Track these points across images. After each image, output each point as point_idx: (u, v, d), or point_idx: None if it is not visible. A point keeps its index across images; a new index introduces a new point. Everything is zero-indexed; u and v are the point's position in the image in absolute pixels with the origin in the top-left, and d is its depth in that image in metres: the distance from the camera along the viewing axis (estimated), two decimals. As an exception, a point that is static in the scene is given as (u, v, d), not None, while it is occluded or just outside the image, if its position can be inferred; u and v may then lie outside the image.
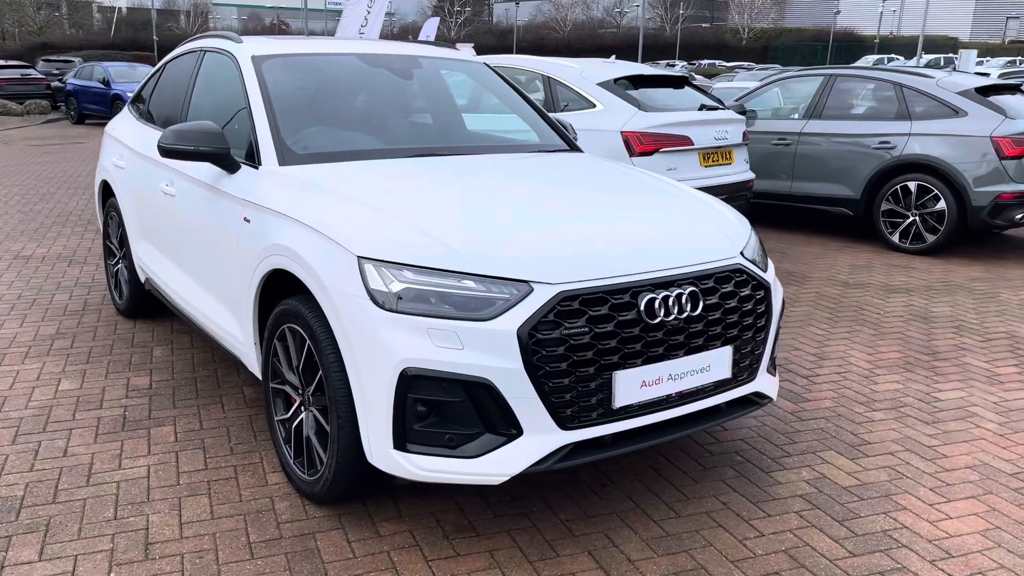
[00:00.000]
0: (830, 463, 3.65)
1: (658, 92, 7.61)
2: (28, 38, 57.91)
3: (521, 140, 4.43)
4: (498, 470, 2.72)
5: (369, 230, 2.90)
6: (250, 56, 4.00)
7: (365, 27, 9.45)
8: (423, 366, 2.66)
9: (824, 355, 5.07)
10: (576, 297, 2.74)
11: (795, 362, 4.93)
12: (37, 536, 2.93)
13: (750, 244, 3.38)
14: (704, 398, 3.07)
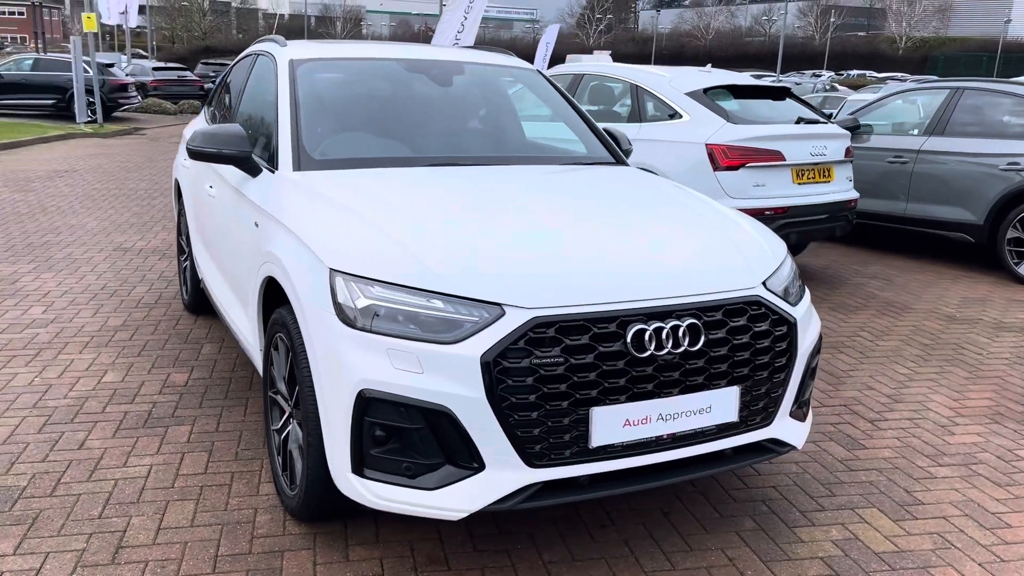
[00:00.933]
0: (868, 523, 3.25)
1: (753, 103, 7.20)
2: (194, 42, 61.99)
3: (562, 151, 4.22)
4: (456, 505, 2.54)
5: (347, 242, 2.79)
6: (288, 60, 3.98)
7: (461, 33, 9.42)
8: (381, 388, 2.52)
9: (900, 397, 4.59)
10: (552, 324, 2.52)
11: (863, 403, 4.48)
12: (21, 529, 2.98)
13: (779, 274, 3.05)
14: (704, 442, 2.78)
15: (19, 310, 5.53)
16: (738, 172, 6.33)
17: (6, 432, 3.74)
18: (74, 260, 6.98)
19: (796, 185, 6.59)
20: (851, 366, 5.07)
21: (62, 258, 7.03)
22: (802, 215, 6.59)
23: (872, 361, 5.18)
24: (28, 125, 19.04)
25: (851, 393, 4.62)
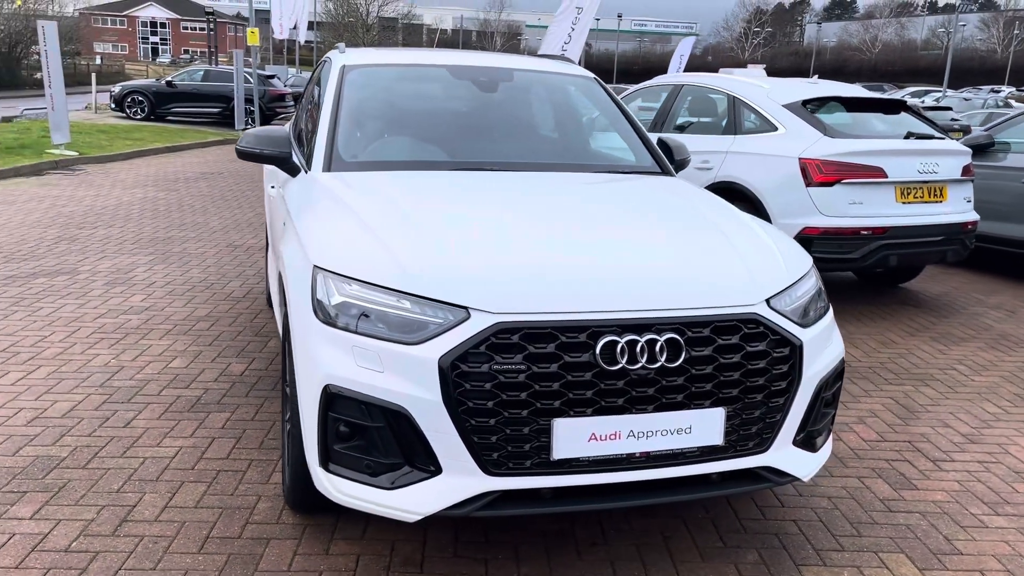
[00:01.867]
0: (889, 569, 2.98)
1: (860, 117, 6.81)
2: (359, 55, 64.71)
3: (607, 159, 4.13)
4: (411, 507, 2.53)
5: (335, 241, 2.84)
6: (341, 65, 4.11)
7: (568, 44, 9.37)
8: (343, 385, 2.55)
9: (978, 438, 4.18)
10: (516, 330, 2.47)
11: (932, 441, 4.12)
12: (44, 497, 3.21)
13: (790, 293, 2.86)
14: (684, 464, 2.64)
15: (122, 297, 5.97)
16: (832, 188, 5.99)
17: (68, 407, 4.04)
18: (187, 254, 7.47)
19: (900, 204, 6.16)
20: (933, 400, 4.67)
21: (178, 252, 7.54)
22: (906, 236, 6.15)
23: (959, 397, 4.75)
24: (193, 131, 20.56)
25: (922, 429, 4.26)
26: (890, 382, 4.94)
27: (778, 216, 6.15)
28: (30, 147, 14.25)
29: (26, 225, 8.51)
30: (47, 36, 13.55)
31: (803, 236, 6.03)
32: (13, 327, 5.20)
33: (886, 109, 6.90)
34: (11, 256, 7.10)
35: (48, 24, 13.75)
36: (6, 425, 3.81)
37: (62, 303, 5.76)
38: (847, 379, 4.95)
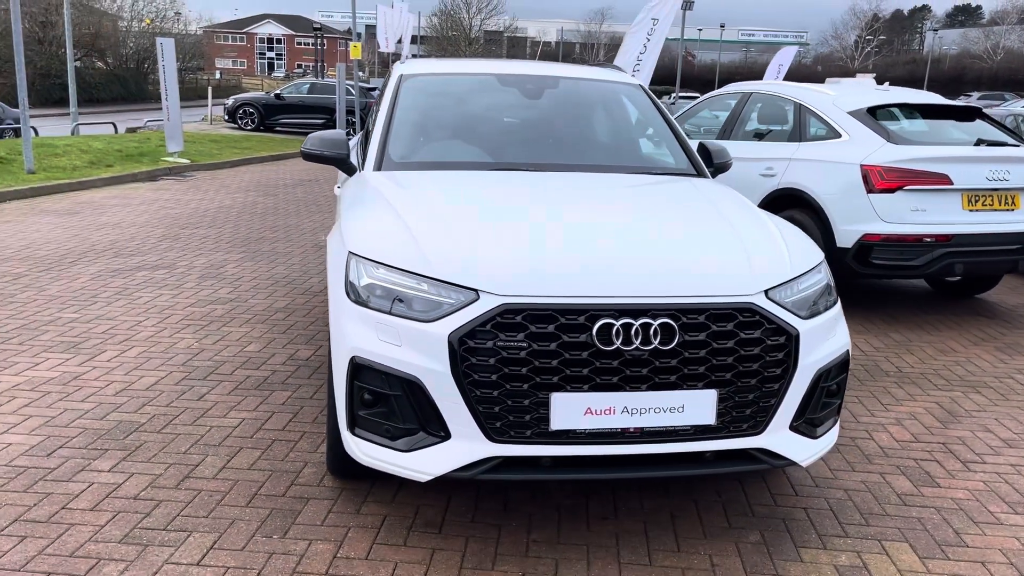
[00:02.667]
0: (889, 556, 3.08)
1: (928, 124, 6.74)
2: (461, 68, 66.07)
3: (646, 161, 4.31)
4: (424, 468, 2.81)
5: (371, 230, 3.16)
6: (399, 75, 4.46)
7: (643, 54, 9.51)
8: (367, 357, 2.85)
9: (1017, 444, 4.18)
10: (520, 311, 2.72)
11: (968, 444, 4.13)
12: (122, 454, 3.64)
13: (792, 285, 3.00)
14: (678, 441, 2.83)
15: (211, 290, 6.51)
16: (894, 195, 5.98)
17: (152, 381, 4.51)
18: (275, 253, 8.01)
19: (967, 212, 6.09)
20: (979, 407, 4.65)
21: (267, 251, 8.09)
22: (973, 244, 6.07)
23: (1009, 404, 4.71)
24: (298, 141, 21.57)
25: (960, 433, 4.27)
26: (939, 388, 4.94)
27: (839, 222, 6.18)
28: (148, 155, 15.33)
29: (136, 225, 9.27)
30: (165, 52, 14.59)
31: (863, 243, 6.05)
32: (114, 313, 5.77)
33: (960, 116, 6.81)
34: (120, 252, 7.79)
35: (166, 41, 14.80)
36: (98, 394, 4.30)
37: (158, 293, 6.33)
38: (892, 383, 4.98)
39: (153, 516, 3.14)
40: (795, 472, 3.73)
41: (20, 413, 4.03)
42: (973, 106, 6.93)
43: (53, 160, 13.55)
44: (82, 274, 6.85)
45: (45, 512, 3.14)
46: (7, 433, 3.81)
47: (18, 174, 12.15)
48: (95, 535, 3.00)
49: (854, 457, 3.92)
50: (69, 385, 4.41)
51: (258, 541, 3.01)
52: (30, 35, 43.19)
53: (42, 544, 2.93)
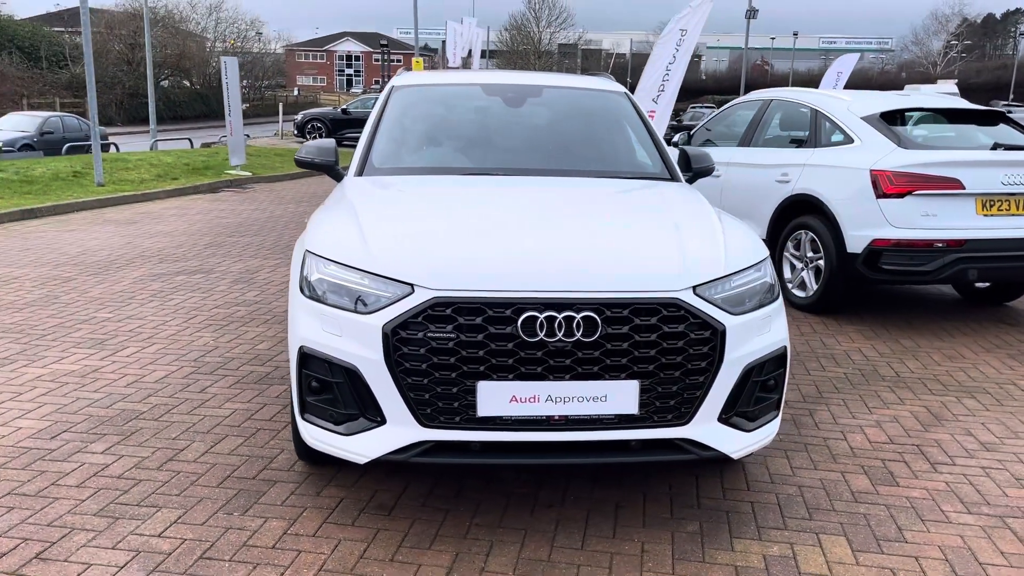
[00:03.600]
0: (822, 548, 3.13)
1: (946, 128, 6.67)
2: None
3: (621, 166, 4.42)
4: (362, 451, 3.01)
5: (328, 231, 3.38)
6: (391, 86, 4.70)
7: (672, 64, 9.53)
8: (311, 347, 3.07)
9: (995, 447, 4.14)
10: (450, 304, 2.89)
11: (943, 447, 4.11)
12: (117, 438, 3.95)
13: (723, 283, 3.10)
14: (602, 429, 2.96)
15: (239, 293, 6.86)
16: (903, 200, 5.93)
17: (163, 374, 4.84)
18: (310, 260, 8.35)
19: (981, 217, 5.99)
20: (969, 411, 4.60)
21: (302, 258, 8.44)
22: (988, 250, 5.97)
23: (1000, 410, 4.65)
24: (360, 154, 22.17)
25: (939, 436, 4.25)
26: (933, 393, 4.90)
27: (849, 228, 6.17)
28: (213, 168, 16.05)
29: (187, 233, 9.78)
30: (228, 71, 15.28)
31: (873, 248, 6.02)
32: (144, 313, 6.16)
33: (982, 120, 6.70)
34: (165, 258, 8.25)
35: (229, 60, 15.49)
36: (110, 386, 4.64)
37: (190, 296, 6.72)
38: (884, 387, 4.96)
39: (130, 493, 3.42)
40: (753, 467, 3.79)
41: (37, 401, 4.39)
42: (996, 110, 6.81)
43: (123, 174, 14.32)
44: (125, 278, 7.31)
45: (35, 487, 3.45)
46: (21, 418, 4.16)
47: (88, 187, 12.90)
48: (74, 508, 3.29)
49: (820, 456, 3.95)
50: (87, 377, 4.77)
51: (219, 518, 3.24)
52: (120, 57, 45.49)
53: (26, 514, 3.23)
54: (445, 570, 2.93)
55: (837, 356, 5.56)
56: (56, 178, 13.33)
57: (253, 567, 2.92)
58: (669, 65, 9.62)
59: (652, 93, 9.85)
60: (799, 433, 4.23)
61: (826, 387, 4.94)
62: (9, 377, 4.75)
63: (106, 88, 42.93)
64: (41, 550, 2.99)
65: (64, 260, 8.06)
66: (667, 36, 9.73)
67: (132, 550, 3.00)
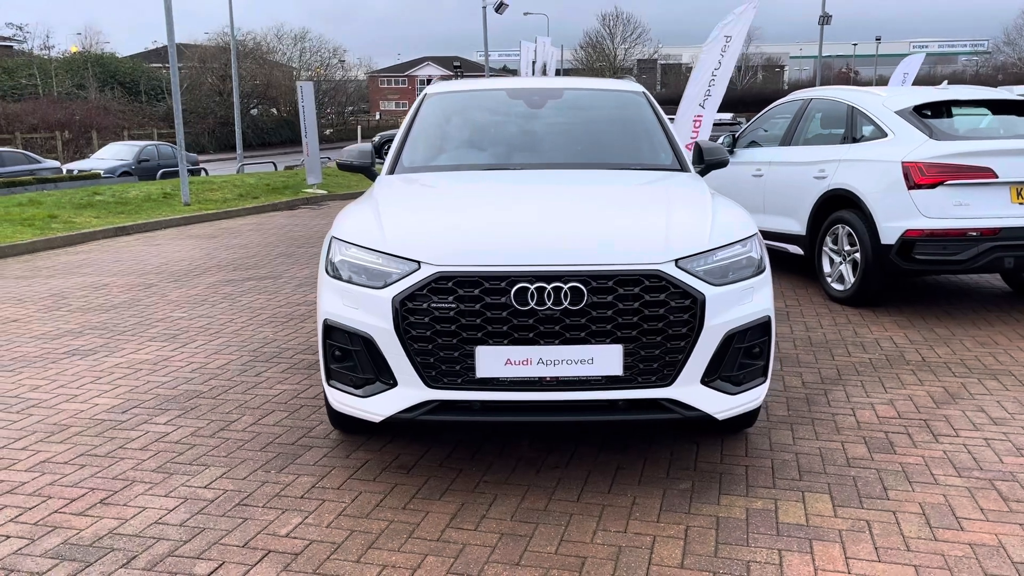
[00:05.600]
0: (804, 504, 3.34)
1: (982, 119, 6.70)
2: (610, 98, 66.93)
3: (628, 158, 4.66)
4: (377, 410, 3.38)
5: (351, 218, 3.78)
6: (424, 94, 5.11)
7: (718, 70, 9.68)
8: (334, 319, 3.46)
9: (1004, 422, 4.23)
10: (451, 278, 3.24)
11: (951, 421, 4.23)
12: (178, 413, 4.43)
13: (705, 256, 3.35)
14: (590, 390, 3.25)
15: (302, 295, 7.38)
16: (935, 190, 6.02)
17: (224, 362, 5.34)
18: (371, 266, 8.85)
19: (1015, 205, 6.02)
20: (987, 391, 4.68)
21: (365, 264, 8.94)
22: (1022, 238, 5.98)
23: (1022, 389, 4.71)
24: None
25: (949, 412, 4.36)
26: (956, 375, 4.98)
27: (882, 220, 6.27)
28: (291, 187, 16.88)
29: (261, 245, 10.43)
30: (304, 95, 16.09)
31: (906, 239, 6.11)
32: (214, 312, 6.72)
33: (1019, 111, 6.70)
34: (239, 267, 8.88)
35: (305, 85, 16.33)
36: (178, 371, 5.15)
37: (256, 297, 7.27)
38: (907, 371, 5.07)
39: (184, 455, 3.87)
40: (754, 437, 4.01)
41: (114, 383, 4.93)
42: (1034, 100, 6.79)
43: (208, 194, 15.24)
44: (200, 284, 7.93)
45: (105, 450, 3.94)
46: (99, 396, 4.69)
47: (176, 206, 13.81)
48: (136, 466, 3.76)
49: (824, 429, 4.13)
50: (158, 365, 5.30)
51: (258, 474, 3.66)
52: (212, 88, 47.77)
53: (95, 470, 3.71)
54: (450, 516, 3.27)
55: (866, 343, 5.67)
56: (148, 199, 14.30)
57: (282, 512, 3.31)
58: (715, 71, 9.81)
59: (699, 99, 10.05)
60: (809, 409, 4.41)
61: (848, 370, 5.08)
62: (92, 364, 5.32)
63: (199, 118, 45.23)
64: (105, 497, 3.45)
65: (149, 270, 8.77)
66: (712, 43, 9.93)
67: (181, 498, 3.44)
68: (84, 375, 5.10)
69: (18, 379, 5.05)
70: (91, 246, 10.62)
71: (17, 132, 34.09)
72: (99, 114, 39.20)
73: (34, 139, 34.51)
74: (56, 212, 12.47)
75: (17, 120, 35.53)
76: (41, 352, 5.64)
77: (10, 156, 22.31)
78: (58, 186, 18.24)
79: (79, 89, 42.74)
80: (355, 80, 68.66)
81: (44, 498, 3.45)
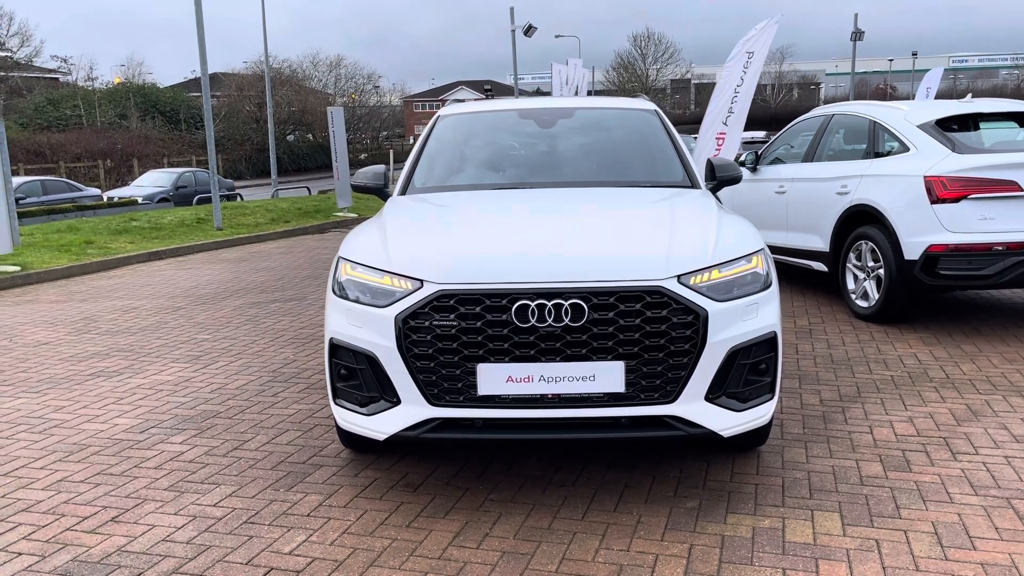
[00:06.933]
0: (813, 522, 3.28)
1: (1007, 132, 6.58)
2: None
3: (639, 176, 4.64)
4: (381, 428, 3.39)
5: (358, 239, 3.83)
6: (437, 115, 5.17)
7: (740, 87, 9.64)
8: (340, 338, 3.50)
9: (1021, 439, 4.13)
10: (453, 296, 3.26)
11: (970, 439, 4.14)
12: (194, 432, 4.49)
13: (708, 272, 3.33)
14: (593, 407, 3.24)
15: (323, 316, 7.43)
16: (958, 204, 5.92)
17: (244, 382, 5.40)
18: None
19: (1043, 218, 5.89)
20: (1011, 408, 4.57)
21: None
22: (1051, 252, 5.86)
23: None
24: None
25: (970, 430, 4.26)
26: (980, 392, 4.87)
27: (905, 235, 6.18)
28: (322, 211, 17.10)
29: (289, 267, 10.57)
30: (334, 120, 16.34)
31: (929, 254, 6.01)
32: (238, 334, 6.82)
33: (1047, 122, 6.58)
34: (266, 289, 9.00)
35: (335, 110, 16.58)
36: (197, 392, 5.23)
37: (280, 319, 7.35)
38: (929, 388, 4.97)
39: (197, 474, 3.92)
40: (767, 455, 3.95)
41: (135, 404, 5.02)
42: (1063, 111, 6.66)
43: (241, 219, 15.49)
44: (227, 306, 8.05)
45: (120, 469, 4.00)
46: (120, 417, 4.78)
47: (208, 231, 14.05)
48: (149, 484, 3.81)
49: (839, 447, 4.06)
50: (179, 385, 5.39)
51: (267, 492, 3.69)
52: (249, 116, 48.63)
53: (109, 489, 3.77)
54: (453, 534, 3.26)
55: (889, 360, 5.58)
56: (182, 224, 14.57)
57: (287, 530, 3.33)
58: (737, 87, 9.78)
59: (722, 115, 10.00)
60: (825, 427, 4.34)
61: (868, 388, 5.00)
62: (115, 386, 5.42)
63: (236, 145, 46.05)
64: (116, 515, 3.51)
65: (178, 293, 8.92)
66: (734, 59, 9.91)
67: (190, 516, 3.48)
68: (107, 396, 5.20)
69: (44, 400, 5.16)
70: (124, 271, 10.85)
71: (61, 161, 34.99)
72: (140, 142, 40.12)
73: (78, 168, 35.40)
74: (93, 238, 12.76)
75: (62, 149, 36.48)
76: (68, 374, 5.75)
77: (53, 184, 22.90)
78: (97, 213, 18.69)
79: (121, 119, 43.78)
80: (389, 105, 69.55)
81: (58, 516, 3.51)
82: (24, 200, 20.39)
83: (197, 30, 14.05)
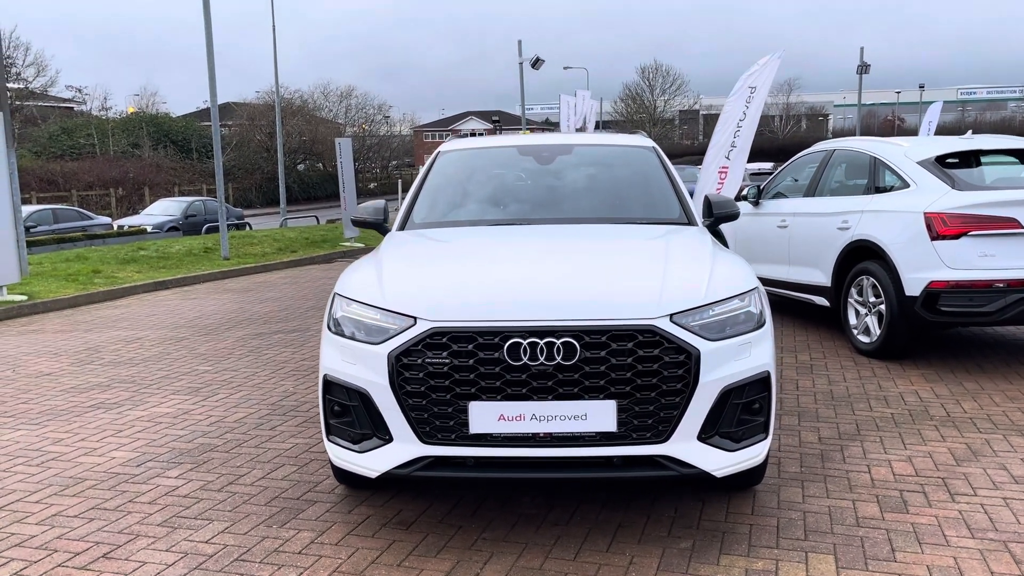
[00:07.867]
0: (807, 565, 3.25)
1: (1008, 169, 6.59)
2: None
3: (636, 213, 4.66)
4: (373, 466, 3.39)
5: (354, 275, 3.85)
6: (437, 151, 5.22)
7: (743, 120, 9.69)
8: (333, 375, 3.51)
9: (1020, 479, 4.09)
10: (446, 333, 3.27)
11: (969, 479, 4.10)
12: (191, 466, 4.49)
13: (701, 311, 3.34)
14: (583, 446, 3.23)
15: (327, 348, 7.45)
16: (959, 241, 5.92)
17: (242, 415, 5.41)
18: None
19: (1044, 255, 5.88)
20: (1012, 448, 4.53)
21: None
22: (1052, 289, 5.84)
23: None
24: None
25: (969, 470, 4.23)
26: (981, 431, 4.84)
27: (906, 271, 6.17)
28: (329, 241, 17.18)
29: (294, 298, 10.61)
30: (342, 151, 16.47)
31: (930, 291, 6.00)
32: (238, 365, 6.83)
33: (1048, 159, 6.59)
34: (269, 320, 9.03)
35: (343, 141, 16.73)
36: (196, 425, 5.24)
37: (281, 351, 7.37)
38: (928, 425, 4.94)
39: (191, 509, 3.92)
40: (763, 495, 3.92)
41: (133, 436, 5.03)
42: (1064, 148, 6.67)
43: (248, 248, 15.58)
44: (230, 337, 8.08)
45: (114, 504, 4.00)
46: (117, 450, 4.78)
47: (215, 260, 14.13)
48: (142, 520, 3.81)
49: (836, 487, 4.03)
50: (177, 418, 5.40)
51: (259, 529, 3.68)
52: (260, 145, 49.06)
53: (102, 524, 3.77)
54: (444, 574, 3.24)
55: (890, 397, 5.55)
56: (189, 254, 14.67)
57: (278, 568, 3.32)
58: (740, 121, 9.84)
59: (724, 150, 10.05)
60: (822, 466, 4.31)
61: (867, 426, 4.96)
62: (114, 418, 5.43)
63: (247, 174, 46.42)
64: (108, 551, 3.50)
65: (182, 323, 8.96)
66: (737, 94, 9.98)
67: (181, 552, 3.47)
68: (106, 428, 5.21)
69: (43, 432, 5.18)
70: (130, 300, 10.91)
71: (73, 189, 35.33)
72: (152, 171, 40.50)
73: (90, 196, 35.73)
74: (100, 267, 12.85)
75: (74, 178, 36.85)
76: (68, 405, 5.77)
77: (64, 213, 23.13)
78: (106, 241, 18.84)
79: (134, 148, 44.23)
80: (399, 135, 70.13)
81: (50, 551, 3.51)
82: (35, 228, 20.60)
83: (207, 60, 14.24)
